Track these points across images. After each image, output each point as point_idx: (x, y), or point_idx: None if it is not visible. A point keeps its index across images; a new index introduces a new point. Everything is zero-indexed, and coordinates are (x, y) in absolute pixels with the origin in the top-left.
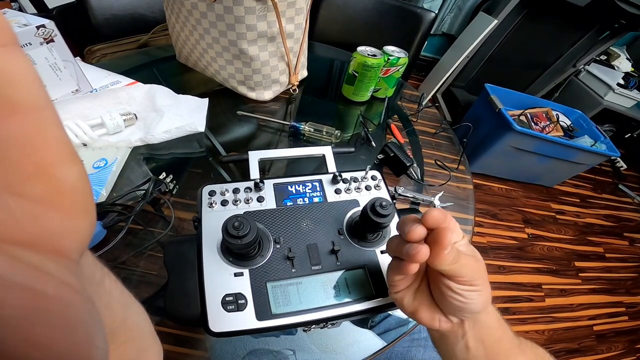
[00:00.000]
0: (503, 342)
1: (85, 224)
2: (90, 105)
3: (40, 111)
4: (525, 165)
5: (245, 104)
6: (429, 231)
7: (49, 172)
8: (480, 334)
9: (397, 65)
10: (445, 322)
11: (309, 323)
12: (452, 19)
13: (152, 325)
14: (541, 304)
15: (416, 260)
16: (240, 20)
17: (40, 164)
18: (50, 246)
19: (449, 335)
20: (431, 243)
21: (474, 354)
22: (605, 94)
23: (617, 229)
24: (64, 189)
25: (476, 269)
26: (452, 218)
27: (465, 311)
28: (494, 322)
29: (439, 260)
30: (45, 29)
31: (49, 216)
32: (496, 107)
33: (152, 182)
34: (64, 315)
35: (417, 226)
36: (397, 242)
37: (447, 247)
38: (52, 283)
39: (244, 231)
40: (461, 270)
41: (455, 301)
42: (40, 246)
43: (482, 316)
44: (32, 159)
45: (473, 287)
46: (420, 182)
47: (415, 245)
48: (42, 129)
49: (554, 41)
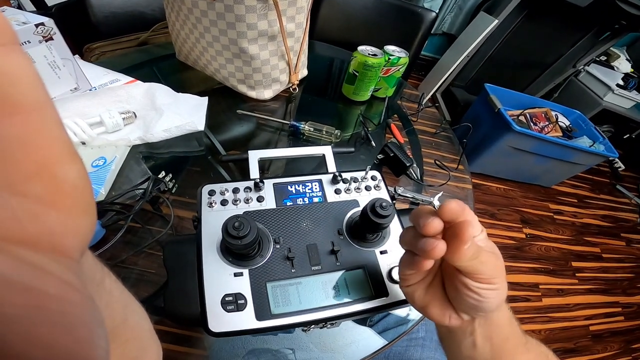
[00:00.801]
0: (510, 340)
1: (86, 223)
2: (89, 104)
3: (41, 110)
4: (523, 165)
5: (245, 103)
6: (446, 224)
7: (50, 171)
8: (489, 332)
9: (398, 65)
10: (456, 319)
11: (309, 323)
12: (453, 19)
13: (152, 325)
14: (538, 303)
15: (432, 256)
16: (241, 18)
17: (41, 163)
18: (51, 245)
19: (456, 332)
20: (449, 237)
21: (480, 351)
22: (605, 95)
23: (615, 230)
24: (65, 188)
25: (496, 267)
26: (470, 210)
27: (479, 309)
28: (505, 320)
29: (458, 256)
30: (44, 27)
31: (50, 215)
32: (495, 107)
33: (151, 181)
34: (65, 314)
35: (433, 219)
36: (412, 236)
37: (467, 242)
38: (53, 282)
39: (244, 231)
40: (480, 267)
41: (471, 299)
42: (41, 245)
43: (494, 314)
44: (33, 158)
45: (491, 285)
46: (419, 182)
47: (431, 240)
48: (43, 128)
49: (554, 41)
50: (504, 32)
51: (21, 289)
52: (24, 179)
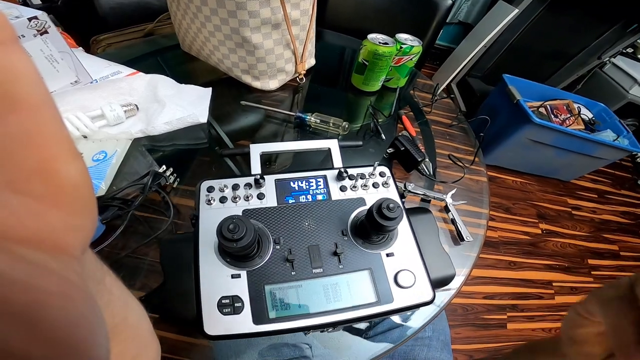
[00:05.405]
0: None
1: (86, 221)
2: (90, 97)
3: (41, 108)
4: (542, 159)
5: (251, 93)
6: None
7: (51, 170)
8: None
9: (410, 54)
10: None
11: (308, 328)
12: (470, 7)
13: (151, 324)
14: (550, 301)
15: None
16: (242, 6)
17: (42, 162)
18: (52, 243)
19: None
20: None
21: None
22: (631, 88)
23: (634, 227)
24: (65, 186)
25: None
26: None
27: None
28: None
29: None
30: (38, 21)
31: (51, 214)
32: (514, 98)
33: (150, 176)
34: (66, 311)
35: None
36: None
37: None
38: (54, 280)
39: (240, 234)
40: None
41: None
42: (42, 244)
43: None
44: (33, 157)
45: None
46: (432, 178)
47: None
48: (43, 126)
49: (578, 32)
50: (525, 21)
51: (22, 286)
52: (25, 177)
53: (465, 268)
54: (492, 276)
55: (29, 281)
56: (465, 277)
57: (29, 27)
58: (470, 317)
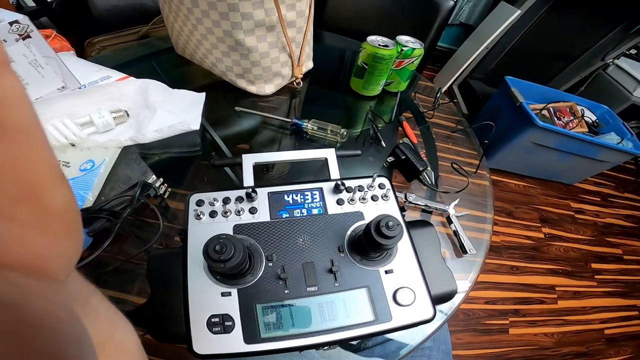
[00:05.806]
0: None
1: (72, 246)
2: (78, 103)
3: (29, 133)
4: (545, 162)
5: (247, 98)
6: None
7: (37, 195)
8: None
9: (412, 57)
10: None
11: (302, 348)
12: (471, 8)
13: (139, 340)
14: (553, 306)
15: None
16: (234, 7)
17: (28, 187)
18: (36, 268)
19: None
20: None
21: None
22: (634, 90)
23: (638, 230)
24: (51, 212)
25: None
26: None
27: None
28: None
29: None
30: (19, 25)
31: (36, 239)
32: (517, 100)
33: (139, 187)
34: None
35: None
36: None
37: None
38: (41, 301)
39: (227, 255)
40: None
41: None
42: (27, 269)
43: None
44: (20, 182)
45: None
46: (434, 188)
47: None
48: (30, 151)
49: (581, 34)
50: (527, 22)
51: (12, 307)
52: (11, 202)
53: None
54: (494, 281)
55: (18, 302)
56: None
57: (11, 32)
58: (471, 322)
